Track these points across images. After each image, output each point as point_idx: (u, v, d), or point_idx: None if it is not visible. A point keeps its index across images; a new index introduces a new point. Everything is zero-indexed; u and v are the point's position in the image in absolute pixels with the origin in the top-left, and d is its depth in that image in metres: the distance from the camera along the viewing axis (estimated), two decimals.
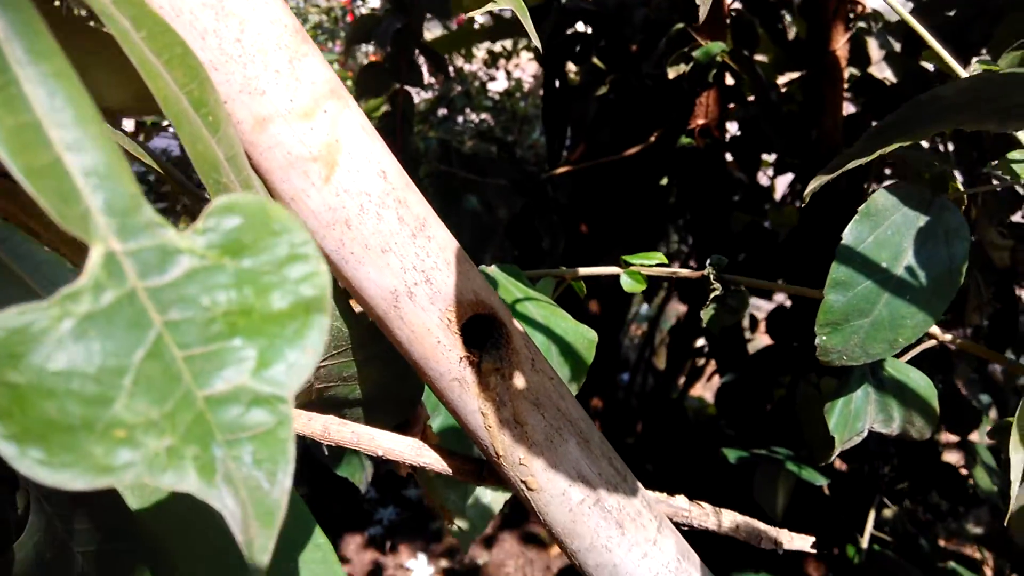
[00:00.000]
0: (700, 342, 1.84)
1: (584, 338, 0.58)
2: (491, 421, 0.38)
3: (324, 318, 0.20)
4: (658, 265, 0.58)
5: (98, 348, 0.18)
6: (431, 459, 0.43)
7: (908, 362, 0.50)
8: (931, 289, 0.41)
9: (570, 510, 0.40)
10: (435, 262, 0.35)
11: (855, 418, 0.47)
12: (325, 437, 0.41)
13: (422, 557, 2.00)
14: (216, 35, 0.28)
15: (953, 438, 1.49)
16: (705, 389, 2.83)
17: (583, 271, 0.62)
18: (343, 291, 0.38)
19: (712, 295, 0.54)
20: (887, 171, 1.18)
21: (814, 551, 0.49)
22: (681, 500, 0.47)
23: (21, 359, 0.17)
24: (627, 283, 0.59)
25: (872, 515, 0.94)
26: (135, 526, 0.47)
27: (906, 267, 0.42)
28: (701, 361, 1.75)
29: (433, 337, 0.35)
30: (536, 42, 0.39)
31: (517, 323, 0.39)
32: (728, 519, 0.47)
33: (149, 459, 0.18)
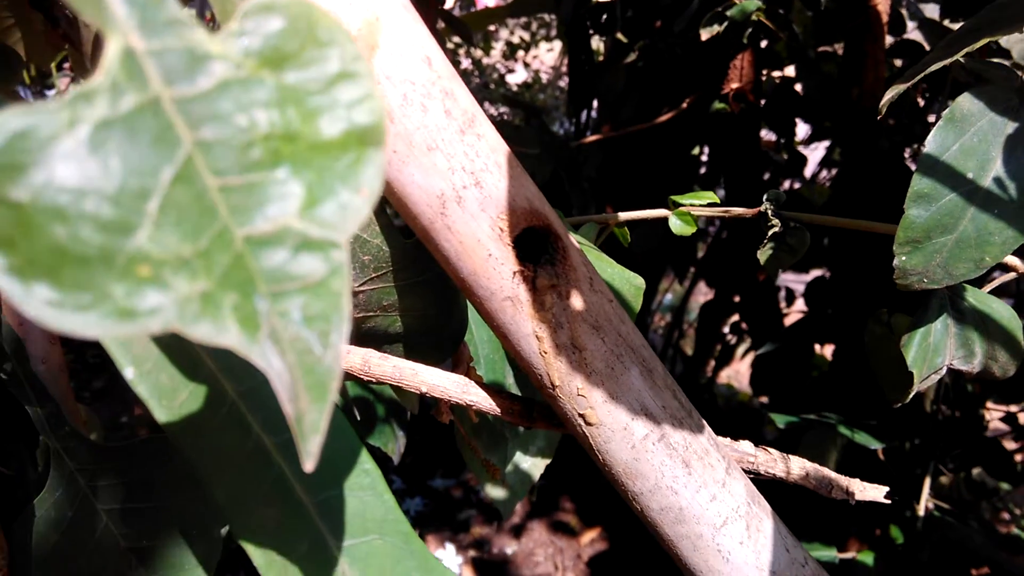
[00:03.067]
0: (725, 329, 1.79)
1: (631, 284, 0.54)
2: (547, 346, 0.34)
3: (381, 153, 0.17)
4: (709, 205, 0.54)
5: (117, 163, 0.15)
6: (478, 397, 0.39)
7: None
8: (1021, 203, 0.38)
9: (632, 447, 0.36)
10: (485, 163, 0.31)
11: (934, 352, 0.43)
12: (364, 372, 0.37)
13: (450, 547, 1.97)
14: None
15: (997, 411, 1.44)
16: (733, 378, 2.79)
17: (625, 216, 0.59)
18: (382, 203, 0.35)
19: (770, 232, 0.51)
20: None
21: (888, 501, 0.45)
22: (747, 445, 0.44)
23: (24, 172, 0.14)
24: (676, 225, 0.55)
25: (928, 481, 0.90)
26: (162, 480, 0.45)
27: (994, 178, 0.38)
28: (732, 339, 1.71)
29: (484, 249, 0.32)
30: None
31: (574, 238, 0.35)
32: (797, 466, 0.44)
33: (180, 304, 0.15)
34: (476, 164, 0.31)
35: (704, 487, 0.38)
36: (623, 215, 0.59)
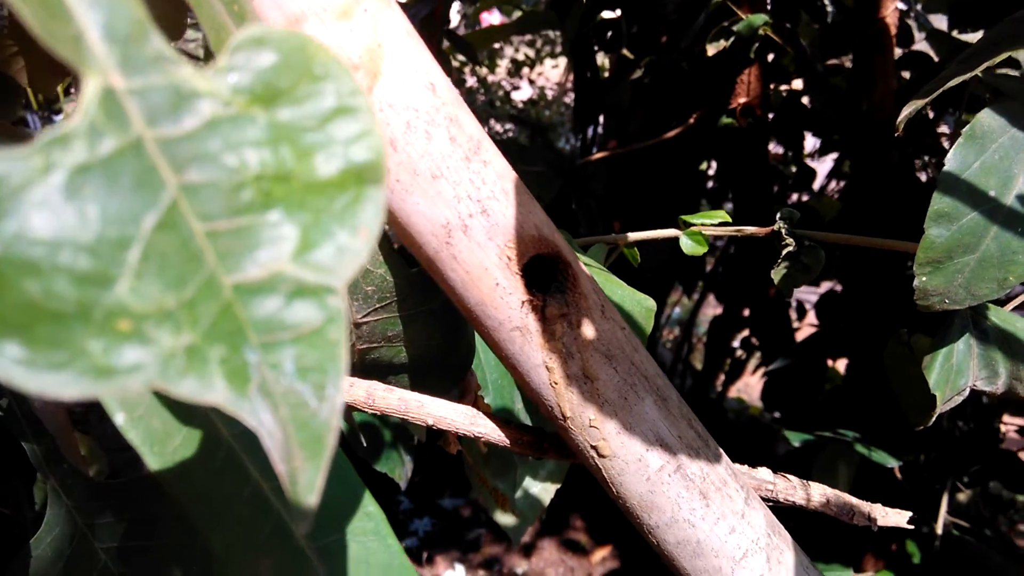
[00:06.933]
0: (734, 343, 1.78)
1: (642, 306, 0.53)
2: (557, 376, 0.33)
3: (380, 191, 0.16)
4: (721, 224, 0.53)
5: (95, 211, 0.14)
6: (486, 428, 0.38)
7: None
8: None
9: (648, 479, 0.35)
10: (492, 191, 0.30)
11: (957, 374, 0.42)
12: (369, 405, 0.36)
13: (460, 568, 1.95)
14: None
15: (1013, 424, 1.42)
16: (744, 391, 2.76)
17: (635, 236, 0.58)
18: (386, 234, 0.34)
19: (784, 252, 0.49)
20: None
21: (911, 527, 0.44)
22: (765, 472, 0.42)
23: None
24: (688, 245, 0.54)
25: (945, 499, 0.88)
26: (163, 516, 0.44)
27: (1017, 196, 0.37)
28: (743, 354, 1.69)
29: (491, 278, 0.31)
30: None
31: (583, 265, 0.34)
32: (817, 492, 0.42)
33: (163, 359, 0.14)
34: (482, 192, 0.30)
35: (723, 519, 0.36)
36: (632, 236, 0.57)
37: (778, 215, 0.50)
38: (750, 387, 2.80)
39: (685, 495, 0.35)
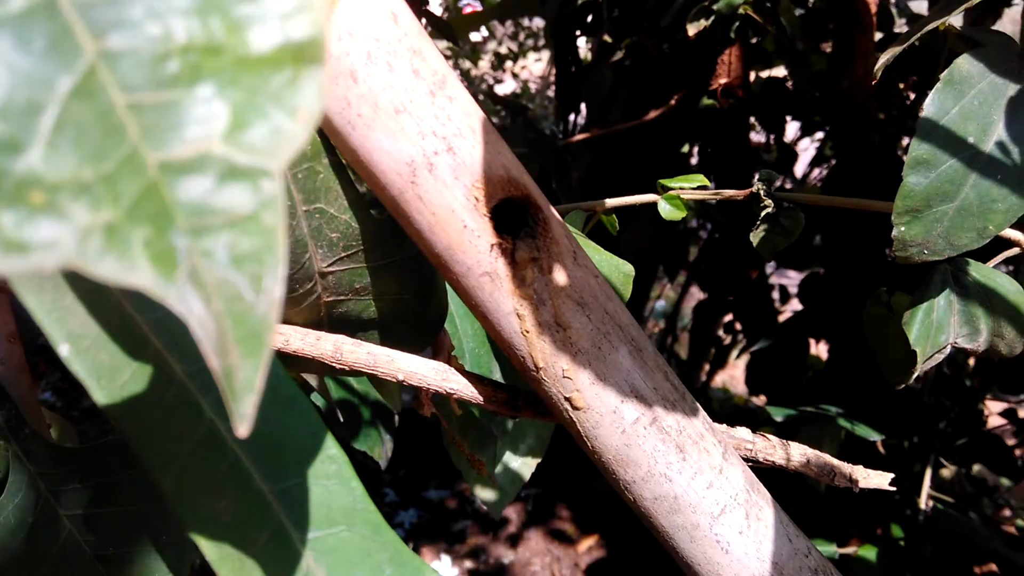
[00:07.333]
0: (719, 330, 1.77)
1: (620, 271, 0.52)
2: (528, 324, 0.32)
3: (320, 72, 0.15)
4: (699, 188, 0.52)
5: (3, 72, 0.13)
6: (458, 385, 0.37)
7: None
8: None
9: (623, 431, 0.34)
10: (458, 128, 0.29)
11: (938, 329, 0.41)
12: (336, 359, 0.35)
13: (446, 559, 1.94)
14: None
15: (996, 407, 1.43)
16: (729, 383, 2.77)
17: (612, 202, 0.57)
18: (351, 179, 0.33)
19: (763, 214, 0.49)
20: None
21: (893, 488, 0.43)
22: (744, 431, 0.41)
23: None
24: (666, 210, 0.53)
25: (929, 473, 0.88)
26: (130, 482, 0.43)
27: (996, 143, 0.36)
28: (727, 340, 1.69)
29: (458, 220, 0.30)
30: None
31: (555, 210, 0.33)
32: (798, 452, 0.42)
33: (81, 236, 0.13)
34: (448, 128, 0.29)
35: (700, 474, 0.35)
36: (610, 202, 0.57)
37: (756, 176, 0.50)
38: (735, 379, 2.81)
39: (661, 448, 0.35)
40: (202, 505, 0.23)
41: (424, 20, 1.22)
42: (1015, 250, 0.44)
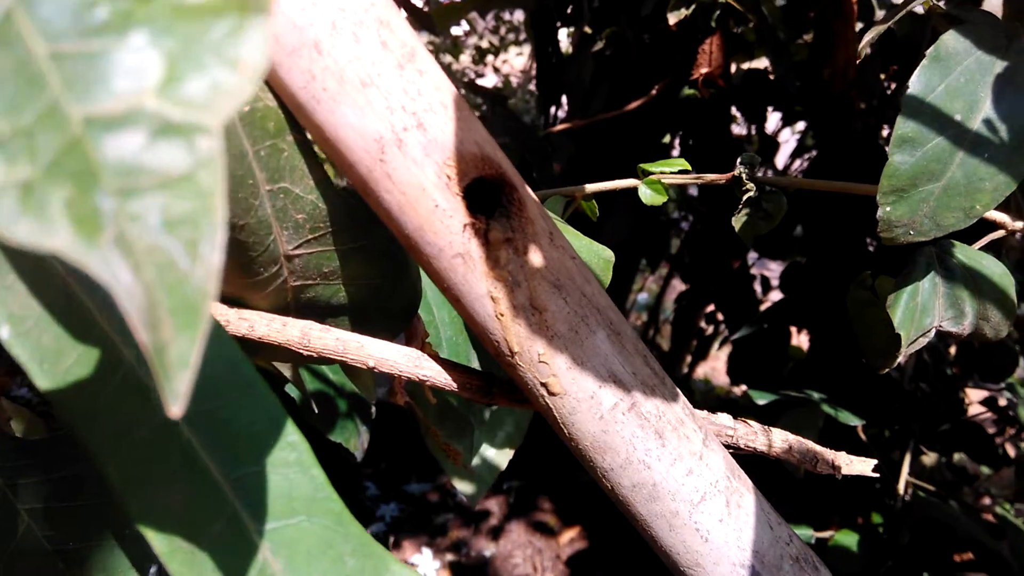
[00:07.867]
0: (701, 321, 1.77)
1: (600, 257, 0.51)
2: (503, 307, 0.31)
3: (265, 22, 0.14)
4: (680, 172, 0.52)
5: None
6: (431, 372, 0.36)
7: None
8: (1013, 146, 0.35)
9: (600, 417, 0.33)
10: (429, 103, 0.28)
11: (922, 312, 0.41)
12: (304, 346, 0.34)
13: (427, 552, 1.93)
14: None
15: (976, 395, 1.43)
16: (711, 375, 2.78)
17: (592, 187, 0.56)
18: (317, 157, 0.31)
19: (745, 198, 0.48)
20: None
21: (876, 475, 0.43)
22: (725, 417, 0.41)
23: None
24: (647, 195, 0.52)
25: (907, 460, 0.88)
26: (92, 476, 0.41)
27: (983, 120, 0.36)
28: (709, 330, 1.69)
29: (429, 200, 0.29)
30: None
31: (530, 190, 0.32)
32: (779, 439, 0.41)
33: None
34: (418, 103, 0.28)
35: (679, 460, 0.35)
36: (590, 187, 0.56)
37: (738, 160, 0.49)
38: (717, 371, 2.82)
39: (640, 435, 0.34)
40: (151, 495, 0.22)
41: (402, 9, 1.20)
42: (1001, 232, 0.44)
